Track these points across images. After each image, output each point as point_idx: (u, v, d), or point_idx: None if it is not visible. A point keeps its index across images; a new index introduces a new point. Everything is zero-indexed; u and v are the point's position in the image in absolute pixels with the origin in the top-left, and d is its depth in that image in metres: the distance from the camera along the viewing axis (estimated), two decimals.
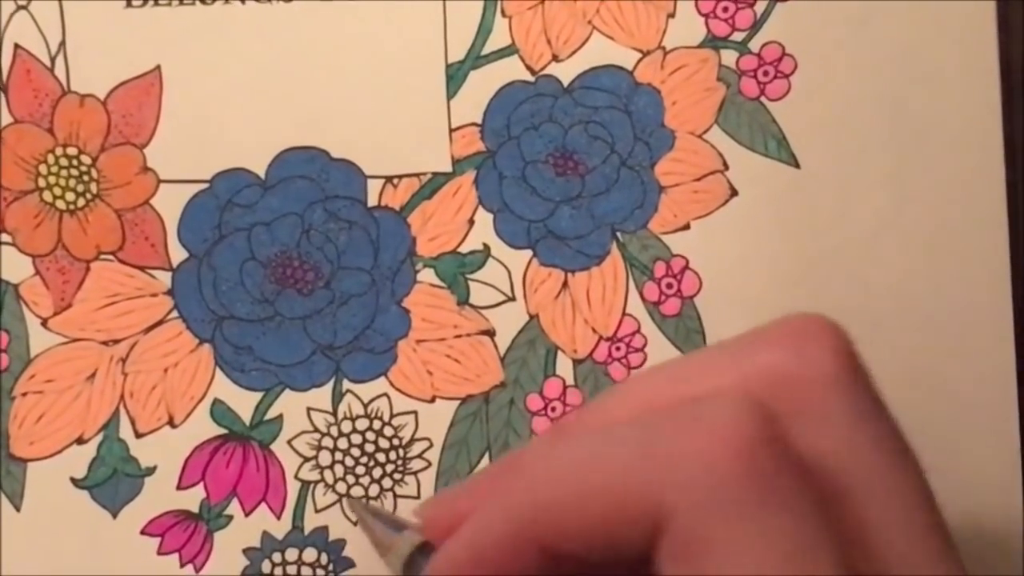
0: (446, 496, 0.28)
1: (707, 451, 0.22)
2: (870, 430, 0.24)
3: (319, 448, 0.33)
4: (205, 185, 0.33)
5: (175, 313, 0.33)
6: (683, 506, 0.22)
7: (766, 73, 0.34)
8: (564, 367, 0.34)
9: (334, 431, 0.33)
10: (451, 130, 0.33)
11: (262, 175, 0.33)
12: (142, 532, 0.33)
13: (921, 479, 0.24)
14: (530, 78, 0.33)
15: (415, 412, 0.33)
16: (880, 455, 0.24)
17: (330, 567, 0.33)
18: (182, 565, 0.33)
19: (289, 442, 0.33)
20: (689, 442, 0.22)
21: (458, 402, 0.33)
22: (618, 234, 0.34)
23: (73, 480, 0.33)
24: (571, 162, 0.34)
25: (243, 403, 0.33)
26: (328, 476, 0.33)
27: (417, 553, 0.26)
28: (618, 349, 0.34)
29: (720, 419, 0.22)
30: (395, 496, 0.33)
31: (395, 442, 0.33)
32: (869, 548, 0.23)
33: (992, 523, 0.34)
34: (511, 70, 0.33)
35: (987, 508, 0.34)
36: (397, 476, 0.33)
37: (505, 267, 0.34)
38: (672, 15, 0.34)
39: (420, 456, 0.33)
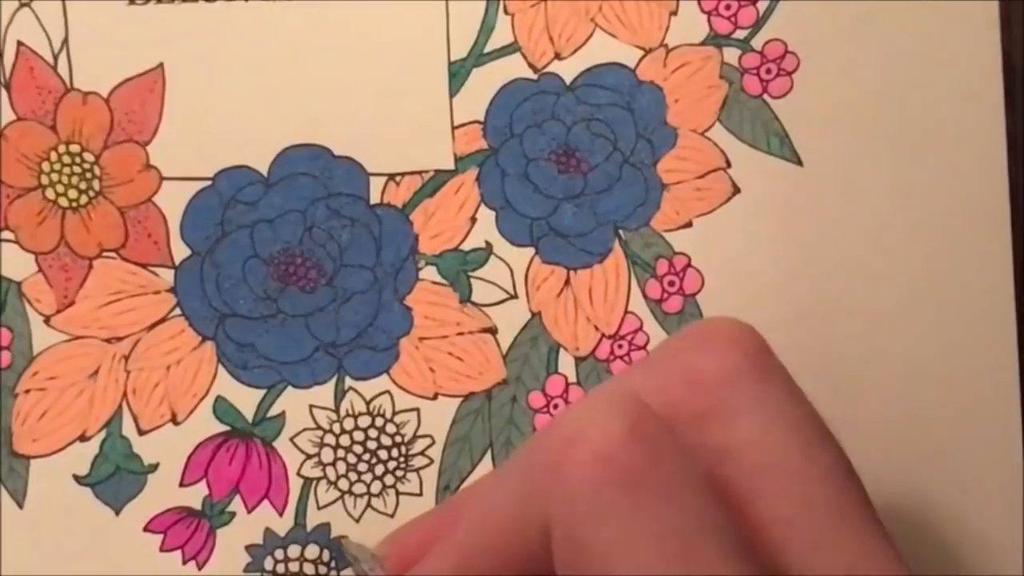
0: (402, 533, 0.30)
1: (575, 459, 0.22)
2: (781, 421, 0.24)
3: (321, 445, 0.33)
4: (208, 182, 0.33)
5: (178, 310, 0.33)
6: (561, 517, 0.22)
7: (769, 71, 0.34)
8: (566, 365, 0.34)
9: (336, 428, 0.33)
10: (453, 128, 0.33)
11: (265, 172, 0.33)
12: (144, 529, 0.33)
13: (839, 465, 0.25)
14: (532, 76, 0.34)
15: (417, 409, 0.33)
16: (792, 445, 0.24)
17: (332, 564, 0.33)
18: (184, 562, 0.33)
19: (291, 439, 0.33)
20: (561, 453, 0.23)
21: (460, 399, 0.33)
22: (620, 232, 0.34)
23: (76, 477, 0.33)
24: (573, 160, 0.34)
25: (246, 400, 0.33)
26: (330, 473, 0.33)
27: None
28: (620, 347, 0.34)
29: (586, 425, 0.23)
30: (397, 493, 0.33)
31: (397, 439, 0.33)
32: (783, 535, 0.23)
33: (992, 523, 0.34)
34: (513, 68, 0.33)
35: (987, 507, 0.34)
36: (399, 473, 0.33)
37: (507, 265, 0.34)
38: (675, 13, 0.34)
39: (422, 453, 0.33)
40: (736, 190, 0.34)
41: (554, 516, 0.23)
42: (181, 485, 0.33)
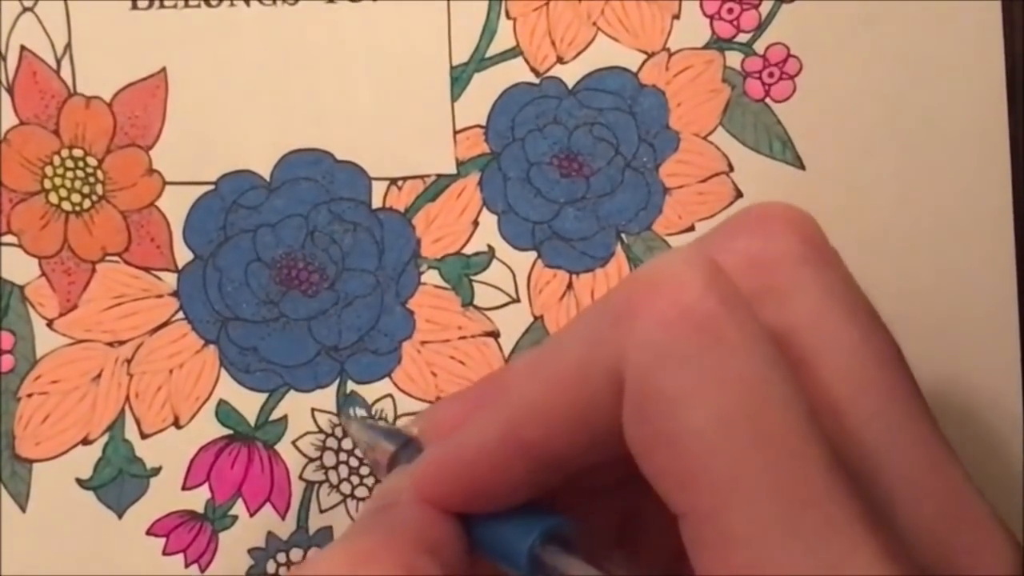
0: (438, 406, 0.29)
1: (652, 305, 0.22)
2: (837, 303, 0.25)
3: (323, 449, 0.33)
4: (210, 187, 0.33)
5: (180, 314, 0.33)
6: (636, 363, 0.22)
7: (771, 74, 0.34)
8: None
9: (339, 432, 0.33)
10: (455, 132, 0.33)
11: (267, 177, 0.33)
12: (147, 532, 0.33)
13: (892, 348, 0.25)
14: (534, 80, 0.34)
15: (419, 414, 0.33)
16: (848, 326, 0.24)
17: None
18: (187, 565, 0.33)
19: (294, 443, 0.33)
20: (638, 301, 0.22)
21: None
22: (623, 235, 0.34)
23: (78, 481, 0.33)
24: (575, 164, 0.34)
25: (248, 404, 0.33)
26: (332, 477, 0.33)
27: (400, 451, 0.28)
28: None
29: (664, 274, 0.22)
30: None
31: None
32: (840, 411, 0.23)
33: None
34: (515, 72, 0.33)
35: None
36: None
37: (510, 268, 0.34)
38: (677, 16, 0.34)
39: None
40: (738, 194, 0.34)
41: (627, 361, 0.22)
42: (183, 489, 0.33)
